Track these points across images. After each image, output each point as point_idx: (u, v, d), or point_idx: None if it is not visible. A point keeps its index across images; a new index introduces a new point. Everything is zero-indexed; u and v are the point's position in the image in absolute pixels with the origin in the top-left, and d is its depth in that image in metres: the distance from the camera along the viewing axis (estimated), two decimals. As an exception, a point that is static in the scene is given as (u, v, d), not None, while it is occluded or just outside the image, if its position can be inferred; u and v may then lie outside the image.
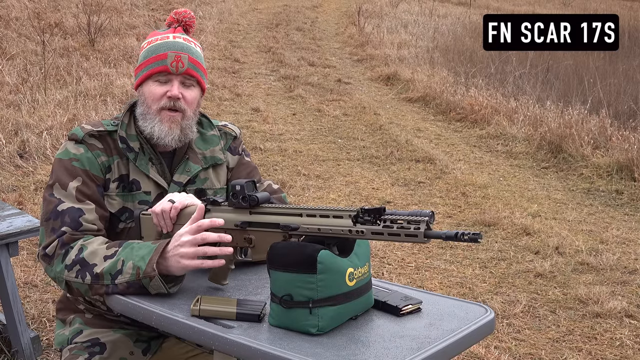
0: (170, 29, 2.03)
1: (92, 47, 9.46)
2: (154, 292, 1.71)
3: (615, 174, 6.17)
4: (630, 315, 3.70)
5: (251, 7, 16.07)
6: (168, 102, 1.94)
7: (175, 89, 1.94)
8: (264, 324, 1.58)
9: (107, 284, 1.72)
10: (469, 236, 1.37)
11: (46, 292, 3.58)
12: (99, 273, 1.72)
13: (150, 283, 1.69)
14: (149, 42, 2.01)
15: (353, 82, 10.18)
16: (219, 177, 2.10)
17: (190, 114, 1.99)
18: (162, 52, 1.95)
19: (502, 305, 3.79)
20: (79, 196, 1.86)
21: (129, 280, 1.70)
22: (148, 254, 1.71)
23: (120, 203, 1.94)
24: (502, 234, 4.87)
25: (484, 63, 10.47)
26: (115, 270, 1.71)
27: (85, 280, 1.74)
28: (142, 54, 2.00)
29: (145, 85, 1.98)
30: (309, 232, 1.58)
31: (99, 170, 1.92)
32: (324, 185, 5.76)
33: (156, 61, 1.95)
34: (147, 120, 1.96)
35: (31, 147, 5.58)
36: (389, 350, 1.46)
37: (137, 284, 1.70)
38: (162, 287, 1.70)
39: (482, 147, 7.38)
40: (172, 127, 1.95)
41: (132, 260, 1.71)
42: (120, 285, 1.71)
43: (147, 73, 1.96)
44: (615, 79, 9.09)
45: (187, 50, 1.97)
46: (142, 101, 1.98)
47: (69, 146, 1.93)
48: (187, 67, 1.96)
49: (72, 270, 1.75)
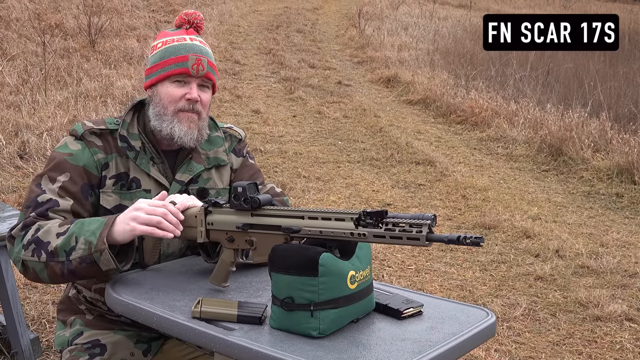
0: (181, 29, 2.04)
1: (92, 48, 9.46)
2: (105, 268, 1.72)
3: (616, 177, 6.17)
4: (630, 318, 3.70)
5: (252, 9, 16.08)
6: (187, 105, 1.96)
7: (195, 92, 1.96)
8: (265, 326, 1.58)
9: (62, 261, 1.73)
10: (472, 240, 1.37)
11: (46, 294, 3.58)
12: (53, 250, 1.73)
13: (100, 257, 1.70)
14: (164, 42, 2.00)
15: (353, 84, 10.18)
16: (222, 178, 2.10)
17: (205, 115, 2.02)
18: (183, 54, 1.96)
19: (503, 308, 3.79)
20: (61, 192, 1.87)
21: (81, 256, 1.71)
22: (98, 228, 1.72)
23: (116, 200, 1.94)
24: (503, 236, 4.86)
25: (485, 65, 10.48)
26: (70, 247, 1.72)
27: (40, 258, 1.74)
28: (159, 54, 1.99)
29: (161, 86, 1.98)
30: (311, 234, 1.58)
31: (95, 167, 1.92)
32: (324, 188, 5.75)
33: (176, 62, 1.95)
34: (164, 120, 1.96)
35: (31, 148, 5.58)
36: (390, 353, 1.45)
37: (88, 259, 1.71)
38: (112, 261, 1.70)
39: (483, 150, 7.38)
40: (190, 127, 1.97)
41: (83, 235, 1.72)
42: (74, 261, 1.72)
43: (165, 74, 1.96)
44: (615, 82, 9.10)
45: (206, 54, 1.99)
46: (157, 101, 1.98)
47: (67, 141, 1.95)
48: (206, 71, 1.98)
49: (29, 250, 1.76)
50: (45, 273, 1.76)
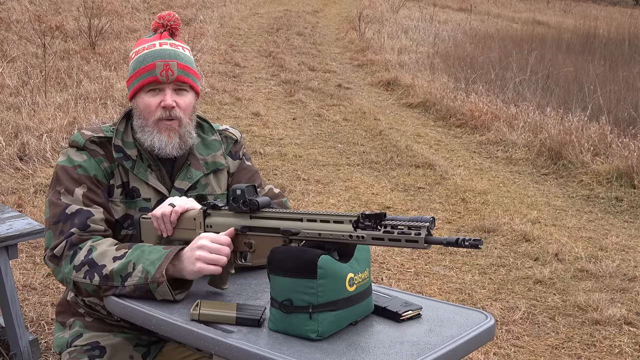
0: (156, 34, 2.00)
1: (92, 50, 9.46)
2: (160, 297, 1.71)
3: (615, 181, 6.17)
4: (629, 322, 3.70)
5: (252, 11, 16.09)
6: (164, 113, 1.93)
7: (169, 98, 1.92)
8: (263, 328, 1.58)
9: (117, 285, 1.72)
10: (470, 242, 1.37)
11: (45, 295, 3.58)
12: (108, 274, 1.72)
13: (157, 289, 1.69)
14: (136, 52, 1.98)
15: (353, 87, 10.18)
16: (219, 183, 2.09)
17: (187, 120, 1.97)
18: (150, 62, 1.92)
19: (501, 311, 3.79)
20: (86, 201, 1.86)
21: (136, 284, 1.70)
22: (159, 259, 1.71)
23: (123, 210, 1.93)
24: (502, 240, 4.86)
25: (484, 69, 10.48)
26: (126, 273, 1.71)
27: (93, 281, 1.74)
28: (132, 65, 1.98)
29: (138, 98, 1.96)
30: (310, 237, 1.58)
31: (104, 176, 1.91)
32: (323, 190, 5.75)
33: (145, 72, 1.93)
34: (145, 132, 1.95)
35: (31, 150, 5.58)
36: (389, 356, 1.45)
37: (143, 288, 1.70)
38: (169, 293, 1.69)
39: (482, 153, 7.38)
40: (170, 136, 1.94)
41: (142, 263, 1.71)
42: (128, 287, 1.71)
43: (138, 85, 1.94)
44: (615, 86, 9.10)
45: (175, 57, 1.94)
46: (138, 114, 1.96)
47: (70, 153, 1.92)
48: (177, 75, 1.93)
49: (81, 271, 1.75)
50: (97, 294, 1.77)
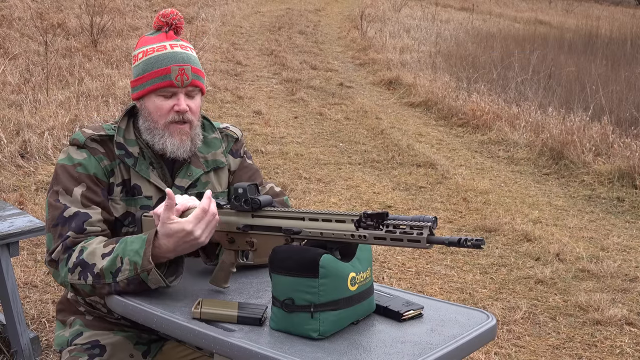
0: (160, 33, 1.98)
1: (94, 48, 9.46)
2: (154, 286, 1.70)
3: (617, 181, 6.16)
4: (630, 323, 3.70)
5: (254, 10, 16.09)
6: (176, 116, 1.92)
7: (183, 103, 1.92)
8: (265, 327, 1.58)
9: (109, 283, 1.72)
10: (472, 242, 1.37)
11: (46, 293, 3.58)
12: (99, 272, 1.72)
13: (148, 277, 1.68)
14: (144, 52, 1.95)
15: (355, 86, 10.18)
16: (220, 181, 2.09)
17: (196, 122, 1.98)
18: (165, 65, 1.90)
19: (503, 311, 3.79)
20: (85, 201, 1.85)
21: (127, 277, 1.69)
22: (141, 247, 1.70)
23: (124, 207, 1.93)
24: (503, 240, 4.86)
25: (486, 69, 10.47)
26: (115, 268, 1.71)
27: (87, 281, 1.73)
28: (141, 66, 1.94)
29: (148, 100, 1.94)
30: (311, 236, 1.58)
31: (104, 174, 1.90)
32: (325, 189, 5.75)
33: (159, 76, 1.90)
34: (155, 135, 1.93)
35: (32, 147, 5.58)
36: (390, 355, 1.45)
37: (136, 280, 1.69)
38: (161, 280, 1.69)
39: (484, 153, 7.38)
40: (182, 140, 1.93)
41: (127, 256, 1.70)
42: (121, 282, 1.70)
43: (151, 87, 1.92)
44: (617, 86, 9.09)
45: (189, 61, 1.94)
46: (147, 116, 1.94)
47: (71, 151, 1.91)
48: (191, 79, 1.93)
49: (75, 273, 1.75)
50: (94, 293, 1.77)
